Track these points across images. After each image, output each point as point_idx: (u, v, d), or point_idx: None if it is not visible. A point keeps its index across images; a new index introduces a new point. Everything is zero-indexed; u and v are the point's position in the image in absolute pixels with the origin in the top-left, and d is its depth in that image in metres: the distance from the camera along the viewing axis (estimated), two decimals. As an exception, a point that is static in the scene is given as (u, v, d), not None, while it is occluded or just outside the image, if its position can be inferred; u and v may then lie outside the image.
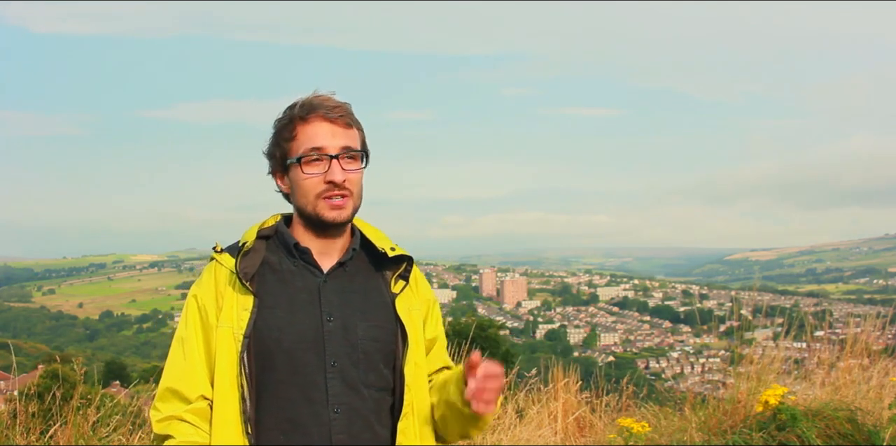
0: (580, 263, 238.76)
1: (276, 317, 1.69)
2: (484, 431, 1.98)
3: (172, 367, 1.72)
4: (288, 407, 1.66)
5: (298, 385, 1.66)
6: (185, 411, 1.66)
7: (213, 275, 1.75)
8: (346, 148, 1.73)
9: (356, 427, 1.67)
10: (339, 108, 1.74)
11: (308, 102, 1.74)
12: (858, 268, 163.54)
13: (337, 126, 1.73)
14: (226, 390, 1.66)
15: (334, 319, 1.70)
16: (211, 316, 1.71)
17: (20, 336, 77.55)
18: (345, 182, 1.71)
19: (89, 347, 79.01)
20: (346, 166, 1.73)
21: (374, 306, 1.75)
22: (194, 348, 1.71)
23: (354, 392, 1.68)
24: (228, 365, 1.66)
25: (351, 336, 1.70)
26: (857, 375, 5.24)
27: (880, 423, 4.22)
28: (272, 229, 1.81)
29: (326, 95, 1.76)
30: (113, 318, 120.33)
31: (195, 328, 1.72)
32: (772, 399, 4.13)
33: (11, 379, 4.75)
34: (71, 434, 3.97)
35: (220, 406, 1.66)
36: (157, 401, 1.70)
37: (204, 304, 1.73)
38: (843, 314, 18.72)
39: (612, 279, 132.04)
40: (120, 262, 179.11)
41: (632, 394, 5.86)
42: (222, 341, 1.68)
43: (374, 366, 1.71)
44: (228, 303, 1.70)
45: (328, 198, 1.71)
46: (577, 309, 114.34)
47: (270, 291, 1.71)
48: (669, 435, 4.62)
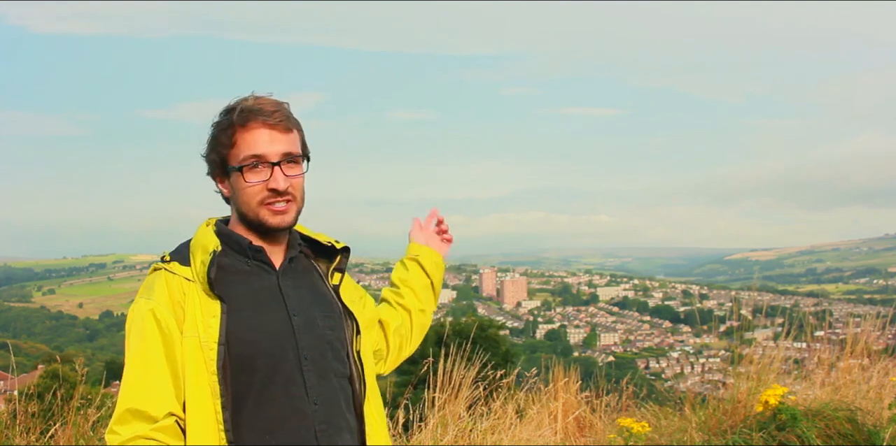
0: (580, 263, 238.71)
1: (246, 318, 1.67)
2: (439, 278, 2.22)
3: (132, 387, 1.61)
4: (271, 407, 1.66)
5: (279, 383, 1.67)
6: (151, 430, 1.57)
7: (166, 286, 1.67)
8: (286, 154, 1.72)
9: (333, 416, 1.71)
10: (278, 112, 1.72)
11: (247, 107, 1.71)
12: (858, 268, 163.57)
13: (276, 131, 1.71)
14: (201, 402, 1.60)
15: (299, 314, 1.73)
16: (173, 328, 1.63)
17: (20, 336, 77.46)
18: (288, 188, 1.72)
19: (89, 347, 78.94)
20: (288, 172, 1.72)
21: (324, 298, 1.81)
22: (156, 363, 1.61)
23: (327, 382, 1.72)
24: (201, 375, 1.61)
25: (315, 329, 1.74)
26: (857, 375, 5.24)
27: (880, 423, 4.22)
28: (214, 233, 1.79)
29: (265, 97, 1.74)
30: (113, 318, 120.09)
31: (154, 342, 1.62)
32: (772, 399, 4.13)
33: (11, 379, 4.74)
34: (71, 434, 3.97)
35: (194, 417, 1.60)
36: (114, 425, 1.60)
37: (162, 317, 1.63)
38: (843, 314, 18.74)
39: (612, 279, 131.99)
40: (120, 262, 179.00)
41: (632, 394, 5.86)
42: (190, 352, 1.62)
43: (338, 355, 1.77)
44: (190, 311, 1.64)
45: (270, 205, 1.71)
46: (577, 309, 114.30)
47: (233, 294, 1.68)
48: (669, 435, 4.62)
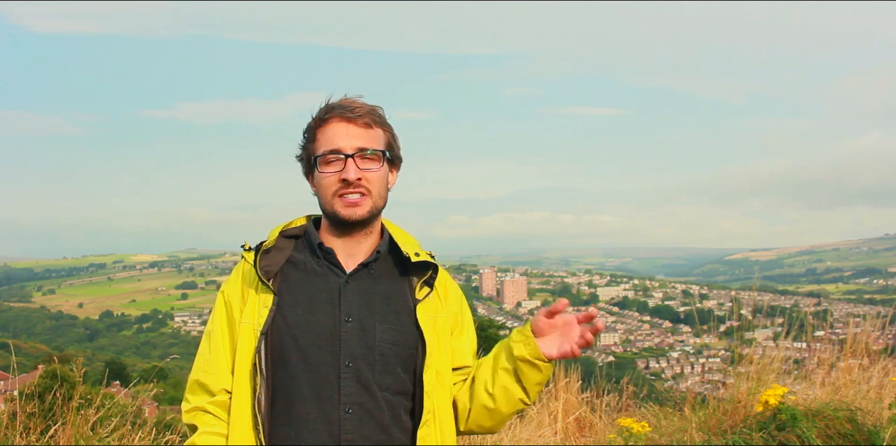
0: (580, 263, 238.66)
1: (295, 315, 1.71)
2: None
3: (199, 360, 1.78)
4: (299, 404, 1.68)
5: (311, 382, 1.68)
6: (208, 402, 1.73)
7: (241, 273, 1.80)
8: (361, 148, 1.74)
9: (368, 428, 1.68)
10: (358, 108, 1.76)
11: (329, 105, 1.77)
12: (858, 267, 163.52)
13: (354, 126, 1.75)
14: (242, 384, 1.70)
15: (352, 320, 1.71)
16: (235, 311, 1.76)
17: (20, 336, 77.37)
18: (360, 180, 1.73)
19: (89, 347, 78.97)
20: (363, 165, 1.74)
21: (395, 310, 1.75)
22: (219, 342, 1.76)
23: (368, 393, 1.69)
24: (246, 360, 1.71)
25: (368, 337, 1.71)
26: (857, 375, 5.23)
27: (880, 423, 4.22)
28: (301, 229, 1.84)
29: (352, 98, 1.78)
30: (113, 318, 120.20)
31: (221, 323, 1.78)
32: (772, 399, 4.13)
33: (11, 380, 4.74)
34: (71, 434, 3.96)
35: (236, 399, 1.71)
36: (186, 393, 1.78)
37: (230, 300, 1.78)
38: (843, 314, 18.71)
39: (612, 279, 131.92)
40: (120, 262, 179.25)
41: (632, 394, 5.85)
42: (243, 337, 1.72)
43: (391, 369, 1.72)
44: (251, 299, 1.74)
45: (342, 196, 1.74)
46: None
47: (292, 290, 1.74)
48: (669, 435, 4.62)
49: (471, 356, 1.88)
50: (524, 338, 1.76)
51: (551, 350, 1.74)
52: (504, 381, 1.78)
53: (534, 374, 1.76)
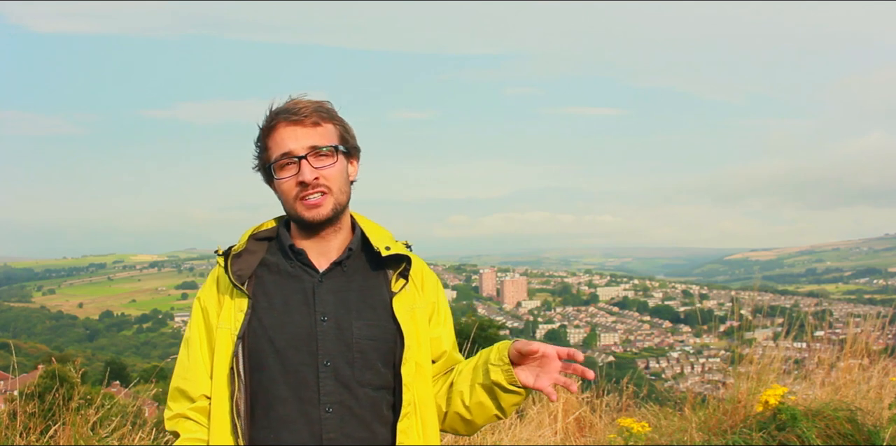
0: (580, 263, 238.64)
1: (271, 317, 1.71)
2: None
3: (178, 368, 1.79)
4: (279, 406, 1.68)
5: (290, 384, 1.68)
6: (189, 409, 1.74)
7: (216, 278, 1.81)
8: (313, 147, 1.73)
9: (350, 426, 1.68)
10: (303, 108, 1.74)
11: (273, 111, 1.76)
12: (858, 267, 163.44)
13: (301, 127, 1.74)
14: (221, 389, 1.72)
15: (328, 319, 1.71)
16: (212, 317, 1.77)
17: (20, 336, 77.40)
18: (317, 179, 1.72)
19: (89, 347, 78.95)
20: (317, 164, 1.73)
21: (372, 305, 1.75)
22: (197, 349, 1.77)
23: (348, 391, 1.69)
24: (224, 364, 1.72)
25: (346, 335, 1.70)
26: (857, 375, 5.23)
27: (880, 423, 4.22)
28: (272, 231, 1.83)
29: (296, 99, 1.77)
30: (113, 318, 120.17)
31: (199, 329, 1.79)
32: (772, 399, 4.13)
33: (11, 379, 4.74)
34: (70, 434, 3.96)
35: (215, 404, 1.72)
36: (168, 400, 1.80)
37: (206, 306, 1.79)
38: (843, 314, 18.72)
39: (612, 279, 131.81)
40: (120, 262, 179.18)
41: (632, 394, 5.85)
42: (221, 341, 1.73)
43: (371, 365, 1.71)
44: (227, 304, 1.75)
45: (303, 199, 1.73)
46: (577, 309, 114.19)
47: (267, 293, 1.74)
48: (669, 435, 4.62)
49: (448, 343, 1.89)
50: (502, 365, 1.74)
51: (528, 379, 1.74)
52: (480, 398, 1.78)
53: (510, 397, 1.76)
